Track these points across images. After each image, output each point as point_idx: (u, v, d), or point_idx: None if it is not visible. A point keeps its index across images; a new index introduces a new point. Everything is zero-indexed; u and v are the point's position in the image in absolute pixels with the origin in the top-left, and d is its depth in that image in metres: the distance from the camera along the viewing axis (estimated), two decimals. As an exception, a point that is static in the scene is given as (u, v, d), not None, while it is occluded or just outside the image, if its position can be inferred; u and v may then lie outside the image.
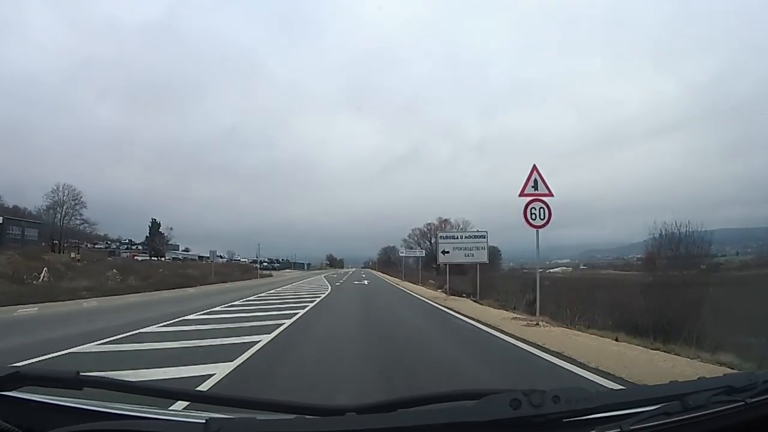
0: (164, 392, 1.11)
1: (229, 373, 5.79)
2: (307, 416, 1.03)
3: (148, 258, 58.87)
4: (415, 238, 76.56)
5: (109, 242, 69.22)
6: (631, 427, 1.00)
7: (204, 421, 0.92)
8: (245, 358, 6.72)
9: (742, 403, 1.05)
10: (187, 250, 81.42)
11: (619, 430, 0.99)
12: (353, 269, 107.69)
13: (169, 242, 60.95)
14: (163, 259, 61.48)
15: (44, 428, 1.01)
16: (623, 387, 4.68)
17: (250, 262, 79.40)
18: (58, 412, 1.08)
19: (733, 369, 5.91)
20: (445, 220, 71.93)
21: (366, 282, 42.03)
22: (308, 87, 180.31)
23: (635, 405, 1.06)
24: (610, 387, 4.74)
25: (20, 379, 1.03)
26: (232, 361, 6.43)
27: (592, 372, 5.90)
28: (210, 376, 5.53)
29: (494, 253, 73.92)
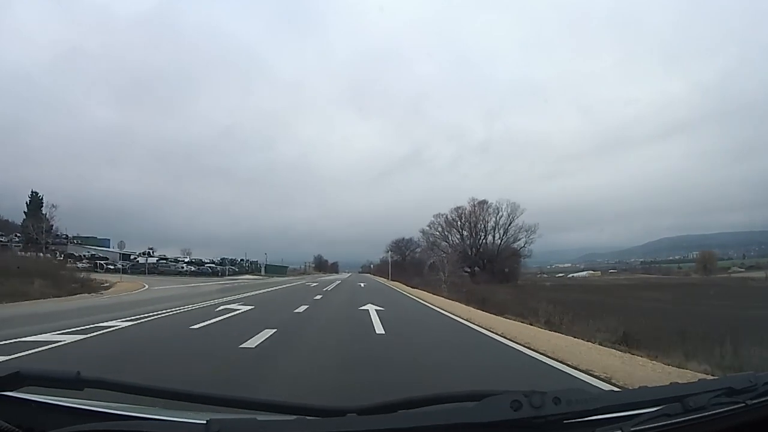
0: (165, 392, 1.11)
1: None
2: (307, 417, 1.03)
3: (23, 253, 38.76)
4: (439, 229, 54.95)
5: (18, 234, 51.48)
6: (632, 429, 1.00)
7: (205, 422, 0.92)
8: None
9: (743, 404, 1.06)
10: (146, 253, 63.94)
11: (620, 431, 0.99)
12: (347, 275, 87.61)
13: (54, 229, 43.67)
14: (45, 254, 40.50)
15: (45, 428, 1.01)
16: (623, 389, 4.68)
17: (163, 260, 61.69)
18: (59, 412, 1.08)
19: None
20: (482, 201, 54.27)
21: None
22: (309, 87, 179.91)
23: (636, 406, 1.06)
24: (607, 388, 4.72)
25: (21, 379, 1.03)
26: None
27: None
28: None
29: (515, 255, 55.81)
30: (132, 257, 60.50)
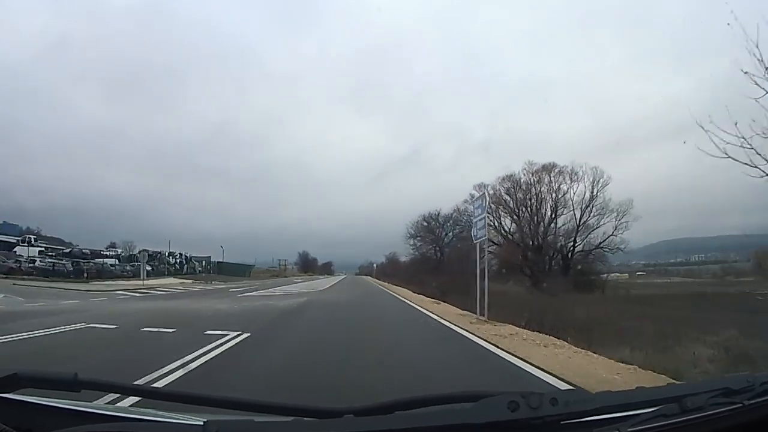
0: (161, 394, 1.12)
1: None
2: (304, 418, 1.04)
3: None
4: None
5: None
6: (629, 429, 1.00)
7: (202, 423, 0.93)
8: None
9: (740, 405, 1.06)
10: (26, 241, 47.03)
11: None
12: (341, 277, 75.31)
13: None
14: None
15: (42, 430, 1.01)
16: (621, 390, 4.66)
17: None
18: (57, 414, 1.08)
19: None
20: (548, 165, 34.05)
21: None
22: (306, 84, 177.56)
23: (633, 407, 1.06)
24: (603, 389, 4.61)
25: (18, 380, 1.03)
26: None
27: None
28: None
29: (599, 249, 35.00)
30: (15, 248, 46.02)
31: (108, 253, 52.55)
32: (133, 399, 2.52)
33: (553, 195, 33.74)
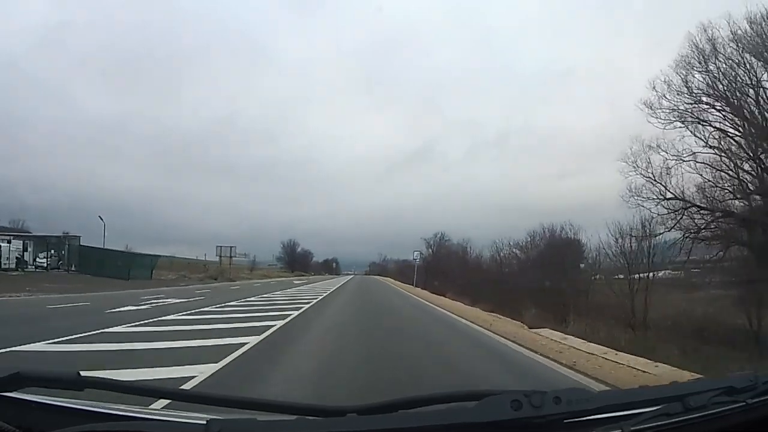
0: (164, 393, 1.11)
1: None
2: (308, 417, 1.03)
3: None
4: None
5: None
6: (632, 428, 1.00)
7: (205, 422, 0.92)
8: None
9: (743, 403, 1.06)
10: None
11: (620, 431, 1.00)
12: (350, 276, 71.27)
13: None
14: None
15: (45, 429, 1.01)
16: (624, 389, 4.67)
17: None
18: (59, 413, 1.08)
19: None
20: None
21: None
22: (314, 79, 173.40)
23: (636, 406, 1.06)
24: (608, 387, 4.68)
25: (21, 379, 1.03)
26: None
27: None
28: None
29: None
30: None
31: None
32: (135, 398, 2.52)
33: None
